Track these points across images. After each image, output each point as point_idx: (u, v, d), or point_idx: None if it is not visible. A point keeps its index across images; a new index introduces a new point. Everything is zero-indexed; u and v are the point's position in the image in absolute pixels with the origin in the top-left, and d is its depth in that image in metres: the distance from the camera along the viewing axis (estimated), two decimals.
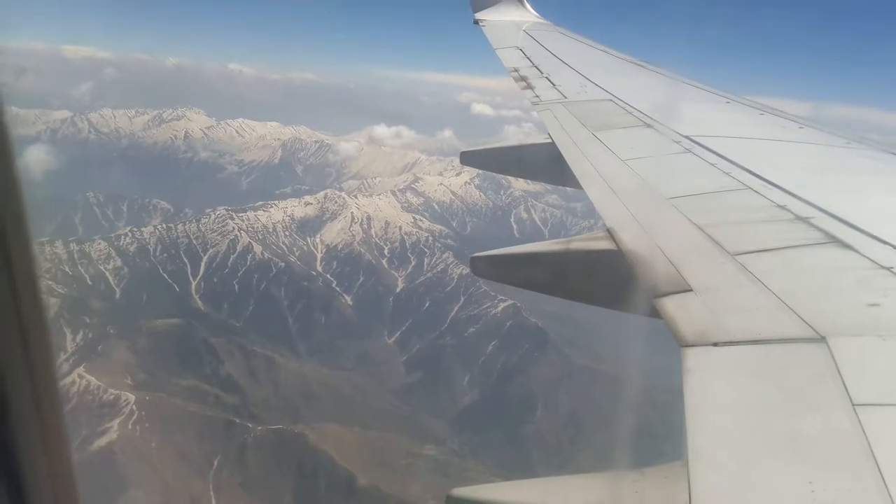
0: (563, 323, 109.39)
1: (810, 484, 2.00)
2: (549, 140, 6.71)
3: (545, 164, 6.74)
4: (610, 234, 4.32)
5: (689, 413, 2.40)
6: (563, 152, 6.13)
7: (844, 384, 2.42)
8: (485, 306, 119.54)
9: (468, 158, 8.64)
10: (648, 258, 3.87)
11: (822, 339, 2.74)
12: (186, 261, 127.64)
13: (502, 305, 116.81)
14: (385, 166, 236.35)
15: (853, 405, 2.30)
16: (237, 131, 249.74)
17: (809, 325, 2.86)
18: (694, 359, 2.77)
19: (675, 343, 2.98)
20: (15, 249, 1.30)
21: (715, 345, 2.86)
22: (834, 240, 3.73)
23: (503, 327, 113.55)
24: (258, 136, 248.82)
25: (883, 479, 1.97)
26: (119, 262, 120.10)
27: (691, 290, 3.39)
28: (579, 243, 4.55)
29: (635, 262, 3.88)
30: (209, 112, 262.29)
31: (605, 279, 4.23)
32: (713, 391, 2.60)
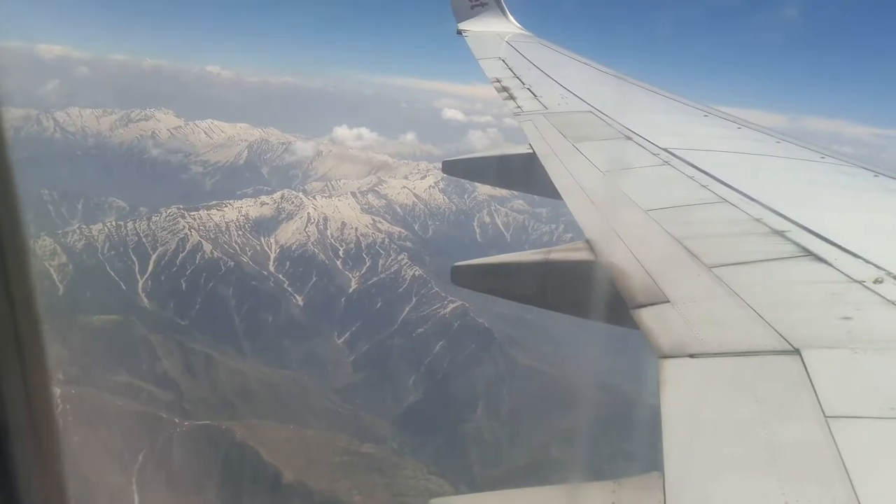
0: (510, 323, 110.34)
1: (784, 496, 2.03)
2: (530, 150, 6.74)
3: (525, 174, 6.76)
4: (589, 245, 4.36)
5: (665, 424, 2.42)
6: (543, 163, 6.15)
7: (817, 396, 2.46)
8: (434, 307, 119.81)
9: (450, 168, 8.68)
10: (627, 270, 3.89)
11: (796, 351, 2.78)
12: (135, 259, 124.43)
13: (451, 306, 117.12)
14: (351, 168, 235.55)
15: (826, 417, 2.34)
16: (205, 132, 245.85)
17: (784, 338, 2.90)
18: (671, 370, 2.80)
19: (649, 352, 3.01)
20: (10, 252, 1.27)
21: (692, 356, 2.89)
22: (808, 253, 3.79)
23: (451, 328, 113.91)
24: (226, 137, 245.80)
25: (854, 491, 2.00)
26: (64, 259, 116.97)
27: (669, 302, 3.43)
28: (559, 254, 4.55)
29: (614, 273, 3.91)
30: (180, 113, 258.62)
31: (583, 290, 4.23)
32: (689, 402, 2.62)
